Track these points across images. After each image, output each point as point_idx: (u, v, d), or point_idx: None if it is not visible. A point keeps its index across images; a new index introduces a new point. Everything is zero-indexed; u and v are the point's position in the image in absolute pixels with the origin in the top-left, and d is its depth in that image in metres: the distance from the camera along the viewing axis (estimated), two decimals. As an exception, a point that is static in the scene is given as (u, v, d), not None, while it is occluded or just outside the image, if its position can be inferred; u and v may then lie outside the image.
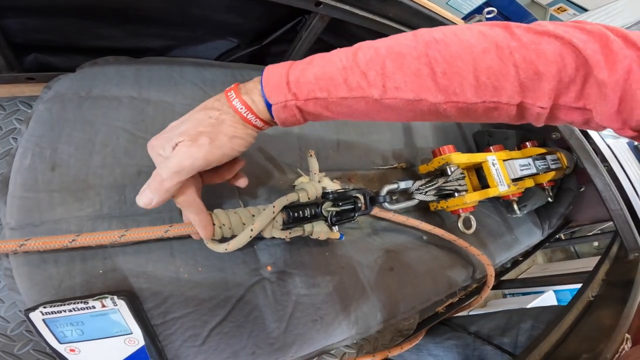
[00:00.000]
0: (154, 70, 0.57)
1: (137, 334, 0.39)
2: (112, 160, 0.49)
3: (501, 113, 0.36)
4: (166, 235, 0.43)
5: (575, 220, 1.26)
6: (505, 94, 0.34)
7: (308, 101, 0.38)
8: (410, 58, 0.35)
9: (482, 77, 0.34)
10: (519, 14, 1.52)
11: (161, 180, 0.36)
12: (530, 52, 0.33)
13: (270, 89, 0.38)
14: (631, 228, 0.86)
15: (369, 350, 0.63)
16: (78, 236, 0.39)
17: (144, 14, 0.54)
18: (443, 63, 0.34)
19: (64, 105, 0.49)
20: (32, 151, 0.45)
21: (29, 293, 0.40)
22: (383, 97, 0.36)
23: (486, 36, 0.35)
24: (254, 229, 0.46)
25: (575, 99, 0.34)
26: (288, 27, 0.66)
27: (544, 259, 2.41)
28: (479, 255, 0.77)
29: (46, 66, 0.55)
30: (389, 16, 0.62)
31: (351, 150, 0.77)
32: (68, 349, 0.38)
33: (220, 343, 0.47)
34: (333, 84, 0.37)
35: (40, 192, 0.43)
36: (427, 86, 0.35)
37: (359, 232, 0.70)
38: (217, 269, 0.51)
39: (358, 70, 0.36)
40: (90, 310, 0.37)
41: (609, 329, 0.56)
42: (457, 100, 0.35)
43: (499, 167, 0.84)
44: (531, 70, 0.33)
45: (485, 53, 0.34)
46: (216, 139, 0.37)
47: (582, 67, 0.32)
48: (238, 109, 0.38)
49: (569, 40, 0.32)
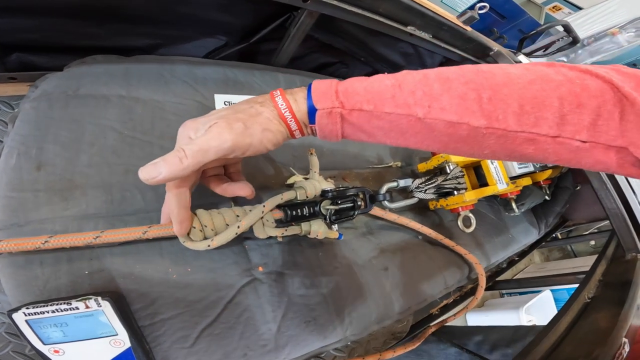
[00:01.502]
0: (144, 69, 0.56)
1: (122, 335, 0.38)
2: (99, 159, 0.48)
3: (538, 148, 0.36)
4: (144, 236, 0.42)
5: (571, 219, 1.26)
6: (545, 125, 0.35)
7: (353, 111, 0.39)
8: (458, 83, 0.37)
9: (526, 106, 0.35)
10: (515, 13, 1.53)
11: (182, 156, 0.35)
12: (575, 86, 0.34)
13: (319, 94, 0.39)
14: (628, 227, 0.85)
15: (360, 353, 0.62)
16: (51, 237, 0.38)
17: (129, 12, 0.54)
18: (489, 90, 0.36)
19: (50, 104, 0.48)
20: (18, 150, 0.44)
21: (14, 294, 0.39)
22: (426, 117, 0.37)
23: (531, 71, 0.36)
24: (241, 225, 0.45)
25: (614, 136, 0.34)
26: (276, 24, 0.65)
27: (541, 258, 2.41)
28: (467, 255, 0.77)
29: (29, 65, 0.54)
30: (379, 11, 0.61)
31: (345, 149, 0.76)
32: (52, 350, 0.37)
33: (211, 345, 0.47)
34: (380, 98, 0.38)
35: (25, 192, 0.43)
36: (472, 110, 0.36)
37: (354, 231, 0.69)
38: (208, 269, 0.50)
39: (407, 89, 0.38)
40: (74, 311, 0.36)
41: (605, 332, 0.55)
42: (499, 126, 0.36)
43: (497, 165, 0.84)
44: (575, 103, 0.34)
45: (531, 84, 0.35)
46: (250, 127, 0.38)
47: (619, 103, 0.33)
48: (279, 104, 0.40)
49: (610, 80, 0.34)
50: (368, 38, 0.78)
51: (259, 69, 0.70)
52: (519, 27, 1.58)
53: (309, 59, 0.85)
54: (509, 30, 1.59)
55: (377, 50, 0.82)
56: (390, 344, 0.67)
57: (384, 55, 0.87)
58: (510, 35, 1.55)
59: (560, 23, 0.92)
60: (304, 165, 0.67)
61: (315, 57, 0.85)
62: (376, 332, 0.65)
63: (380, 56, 0.87)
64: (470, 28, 0.75)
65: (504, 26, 1.58)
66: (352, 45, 0.82)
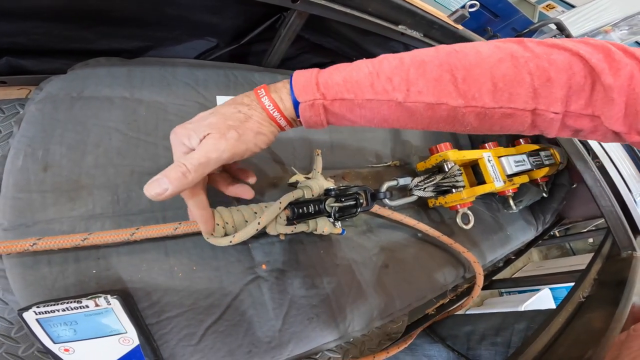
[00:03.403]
0: (147, 71, 0.57)
1: (131, 333, 0.39)
2: (104, 160, 0.49)
3: (515, 120, 0.38)
4: (176, 232, 0.45)
5: (568, 217, 1.27)
6: (520, 100, 0.37)
7: (335, 101, 0.40)
8: (432, 66, 0.38)
9: (499, 83, 0.37)
10: (508, 11, 1.53)
11: (185, 172, 0.36)
12: (542, 61, 0.36)
13: (300, 87, 0.40)
14: (623, 224, 0.84)
15: (355, 354, 0.62)
16: (90, 234, 0.40)
17: (117, 15, 0.53)
18: (462, 70, 0.37)
19: (55, 106, 0.48)
20: (24, 152, 0.45)
21: (23, 294, 0.40)
22: (406, 101, 0.38)
23: (501, 49, 0.38)
24: (261, 222, 0.47)
25: (584, 105, 0.36)
26: (267, 25, 0.65)
27: (539, 256, 2.43)
28: (465, 252, 0.77)
29: (19, 69, 0.53)
30: (368, 11, 0.61)
31: (345, 149, 0.77)
32: (62, 349, 0.37)
33: (216, 342, 0.47)
34: (359, 86, 0.39)
35: (32, 193, 0.43)
36: (449, 91, 0.38)
37: (354, 229, 0.70)
38: (212, 267, 0.51)
39: (384, 75, 0.39)
40: (84, 309, 0.37)
41: (599, 333, 0.54)
42: (476, 104, 0.37)
43: (494, 163, 0.85)
44: (544, 77, 0.36)
45: (501, 62, 0.37)
46: (243, 133, 0.39)
47: (590, 75, 0.35)
48: (266, 106, 0.41)
49: (577, 52, 0.35)
50: (359, 38, 0.77)
51: (258, 71, 0.71)
52: (513, 25, 1.58)
53: (301, 59, 0.84)
54: (502, 28, 1.59)
55: (368, 50, 0.82)
56: (385, 345, 0.67)
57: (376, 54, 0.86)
58: (503, 34, 1.56)
59: (553, 21, 0.92)
60: (304, 165, 0.68)
61: (307, 58, 0.85)
62: (371, 333, 0.65)
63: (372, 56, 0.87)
64: (461, 27, 0.75)
65: (497, 25, 1.58)
66: (344, 46, 0.82)
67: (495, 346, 0.74)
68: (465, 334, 0.80)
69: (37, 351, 0.42)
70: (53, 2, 0.47)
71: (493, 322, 0.81)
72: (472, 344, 0.78)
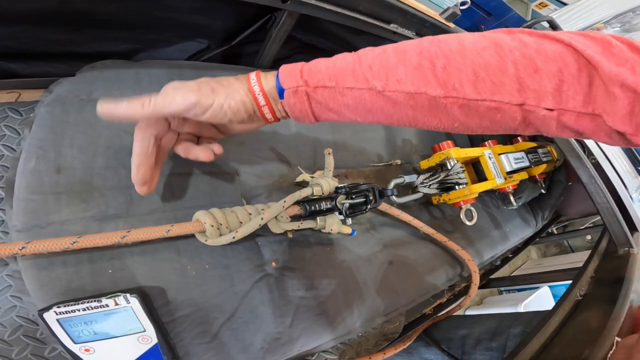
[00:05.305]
0: (154, 74, 0.57)
1: (150, 331, 0.39)
2: (115, 162, 0.49)
3: (505, 115, 0.36)
4: (168, 234, 0.44)
5: (565, 214, 1.29)
6: (505, 92, 0.34)
7: (317, 89, 0.40)
8: (413, 53, 0.37)
9: (481, 73, 0.35)
10: (501, 10, 1.53)
11: (145, 102, 0.37)
12: (529, 50, 0.34)
13: (285, 74, 0.41)
14: (619, 221, 0.84)
15: (351, 355, 0.62)
16: (80, 238, 0.40)
17: (105, 18, 0.53)
18: (443, 58, 0.36)
19: (65, 108, 0.49)
20: (36, 154, 0.45)
21: (39, 294, 0.40)
22: (385, 89, 0.38)
23: (486, 37, 0.37)
24: (264, 217, 0.48)
25: (583, 102, 0.33)
26: (257, 26, 0.65)
27: (537, 254, 2.45)
28: (459, 250, 0.79)
29: (8, 73, 0.53)
30: (359, 10, 0.61)
31: (347, 148, 0.78)
32: (83, 349, 0.38)
33: (230, 339, 0.48)
34: (341, 74, 0.39)
35: (46, 194, 0.43)
36: (427, 79, 0.36)
37: (358, 227, 0.71)
38: (223, 266, 0.51)
39: (365, 63, 0.39)
40: (104, 308, 0.37)
41: (596, 332, 0.53)
42: (457, 95, 0.36)
43: (495, 160, 0.87)
44: (530, 67, 0.33)
45: (484, 50, 0.35)
46: (216, 91, 0.40)
47: (585, 68, 0.32)
48: (250, 78, 0.42)
49: (569, 43, 0.33)
50: (351, 37, 0.77)
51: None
52: (506, 23, 1.58)
53: (294, 60, 0.84)
54: (495, 27, 1.59)
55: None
56: (382, 346, 0.68)
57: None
58: (497, 33, 1.57)
59: (545, 19, 0.93)
60: (308, 164, 0.69)
61: (299, 58, 0.85)
62: (368, 334, 0.66)
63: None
64: (453, 24, 0.75)
65: (490, 23, 1.58)
66: (336, 45, 0.82)
67: (490, 351, 0.74)
68: (461, 337, 0.80)
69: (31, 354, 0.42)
70: (40, 5, 0.47)
71: (488, 326, 0.80)
72: (467, 348, 0.77)
